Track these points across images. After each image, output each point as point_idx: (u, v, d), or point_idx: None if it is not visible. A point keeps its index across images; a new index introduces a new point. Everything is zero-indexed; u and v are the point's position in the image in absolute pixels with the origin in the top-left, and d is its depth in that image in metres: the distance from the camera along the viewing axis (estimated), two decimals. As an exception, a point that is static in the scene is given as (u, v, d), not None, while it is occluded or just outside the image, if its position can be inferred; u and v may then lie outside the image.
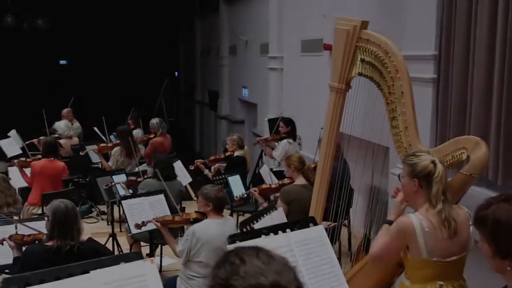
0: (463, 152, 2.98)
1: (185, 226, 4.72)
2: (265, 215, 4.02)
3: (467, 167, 2.94)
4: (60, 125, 8.69)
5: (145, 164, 7.88)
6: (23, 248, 3.71)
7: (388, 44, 3.30)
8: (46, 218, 3.42)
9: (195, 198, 7.13)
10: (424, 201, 2.74)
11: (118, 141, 7.67)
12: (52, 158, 6.49)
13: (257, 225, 3.78)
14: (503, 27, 3.81)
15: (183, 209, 5.84)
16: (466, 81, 4.24)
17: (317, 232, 2.42)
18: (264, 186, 5.47)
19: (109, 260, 1.81)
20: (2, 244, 3.89)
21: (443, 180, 2.71)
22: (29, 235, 3.85)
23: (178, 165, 6.71)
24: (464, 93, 4.26)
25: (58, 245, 3.19)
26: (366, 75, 3.43)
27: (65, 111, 9.74)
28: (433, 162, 2.72)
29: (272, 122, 8.21)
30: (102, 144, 7.91)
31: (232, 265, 1.13)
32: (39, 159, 6.61)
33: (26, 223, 4.08)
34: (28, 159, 6.83)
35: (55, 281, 1.67)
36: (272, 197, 5.87)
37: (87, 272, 1.73)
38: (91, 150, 7.93)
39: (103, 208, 7.82)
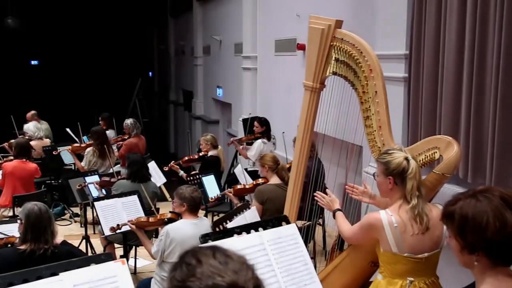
0: (436, 152, 3.01)
1: (159, 228, 4.69)
2: (238, 214, 4.02)
3: (440, 167, 2.97)
4: (29, 127, 8.56)
5: (119, 165, 7.80)
6: None
7: (362, 43, 3.30)
8: (18, 221, 3.34)
9: (170, 199, 7.08)
10: (399, 197, 2.79)
11: (91, 142, 7.59)
12: (24, 159, 6.38)
13: (230, 225, 3.77)
14: (472, 28, 3.87)
15: (157, 210, 5.79)
16: (436, 81, 4.29)
17: (290, 231, 2.42)
18: (238, 186, 5.46)
19: (79, 262, 1.78)
20: None
21: (417, 176, 2.75)
22: (2, 238, 3.77)
23: (152, 166, 6.66)
24: (435, 92, 4.32)
25: (31, 249, 3.12)
26: (341, 74, 3.43)
27: (29, 114, 9.59)
28: (406, 158, 2.76)
29: (246, 122, 8.21)
30: (75, 144, 7.82)
31: (188, 266, 1.11)
32: (11, 160, 6.50)
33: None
34: (-1, 161, 6.73)
35: (23, 283, 1.64)
36: (247, 197, 5.87)
37: (56, 274, 1.70)
38: (65, 150, 7.84)
39: (76, 210, 7.72)
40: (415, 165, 2.76)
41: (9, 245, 3.64)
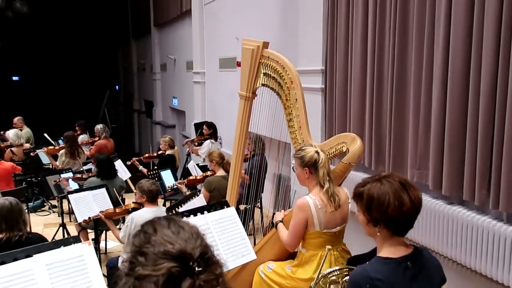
0: (343, 146, 3.03)
1: (125, 216, 4.61)
2: (189, 200, 3.98)
3: (346, 157, 3.00)
4: (10, 135, 8.17)
5: (90, 164, 7.59)
6: None
7: (284, 60, 3.29)
8: None
9: (135, 191, 6.93)
10: (315, 183, 2.81)
11: (63, 145, 7.39)
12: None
13: (181, 210, 3.73)
14: (372, 50, 4.00)
15: (123, 201, 5.67)
16: (346, 90, 4.41)
17: (229, 213, 2.43)
18: (191, 178, 5.42)
19: (51, 245, 1.72)
20: None
21: (326, 165, 2.79)
22: None
23: (119, 164, 6.51)
24: (345, 100, 4.43)
25: (7, 237, 2.95)
26: (268, 85, 3.40)
27: (16, 119, 9.18)
28: (316, 152, 2.80)
29: (197, 126, 8.17)
30: (50, 147, 7.59)
31: (146, 234, 1.08)
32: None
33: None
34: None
35: (1, 265, 1.57)
36: (199, 186, 5.82)
37: (30, 256, 1.63)
38: (42, 152, 7.60)
39: (54, 202, 7.46)
40: (324, 156, 2.81)
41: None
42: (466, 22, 3.07)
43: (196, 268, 1.00)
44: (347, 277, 2.12)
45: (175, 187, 5.51)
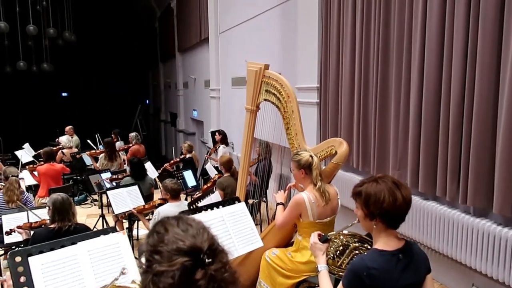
0: (332, 148, 2.99)
1: (154, 210, 4.61)
2: (206, 197, 3.96)
3: (335, 158, 2.96)
4: (63, 139, 8.35)
5: (125, 165, 7.62)
6: (31, 232, 3.46)
7: (282, 79, 3.26)
8: (47, 208, 3.18)
9: (160, 187, 6.93)
10: (309, 182, 2.77)
11: (103, 149, 7.46)
12: (52, 162, 6.15)
13: (201, 204, 3.72)
14: (359, 69, 3.99)
15: (152, 196, 5.67)
16: (337, 104, 4.39)
17: (240, 207, 2.40)
18: (205, 187, 5.40)
19: (92, 234, 1.70)
20: (11, 233, 3.59)
21: (319, 167, 2.75)
22: (36, 222, 3.58)
23: (149, 165, 6.52)
24: (336, 112, 4.41)
25: (59, 227, 2.95)
26: (269, 100, 3.38)
27: (67, 128, 9.27)
28: (311, 156, 2.77)
29: (213, 133, 8.18)
30: (92, 151, 7.69)
31: (158, 234, 1.02)
32: (42, 164, 6.26)
33: (35, 211, 3.81)
34: (35, 166, 6.46)
35: (51, 251, 1.57)
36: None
37: (75, 243, 1.63)
38: (85, 155, 7.69)
39: (95, 197, 7.48)
40: (317, 159, 2.77)
41: (43, 226, 3.45)
42: (437, 49, 3.05)
43: (206, 260, 0.96)
44: (357, 246, 2.05)
45: (196, 187, 5.49)
